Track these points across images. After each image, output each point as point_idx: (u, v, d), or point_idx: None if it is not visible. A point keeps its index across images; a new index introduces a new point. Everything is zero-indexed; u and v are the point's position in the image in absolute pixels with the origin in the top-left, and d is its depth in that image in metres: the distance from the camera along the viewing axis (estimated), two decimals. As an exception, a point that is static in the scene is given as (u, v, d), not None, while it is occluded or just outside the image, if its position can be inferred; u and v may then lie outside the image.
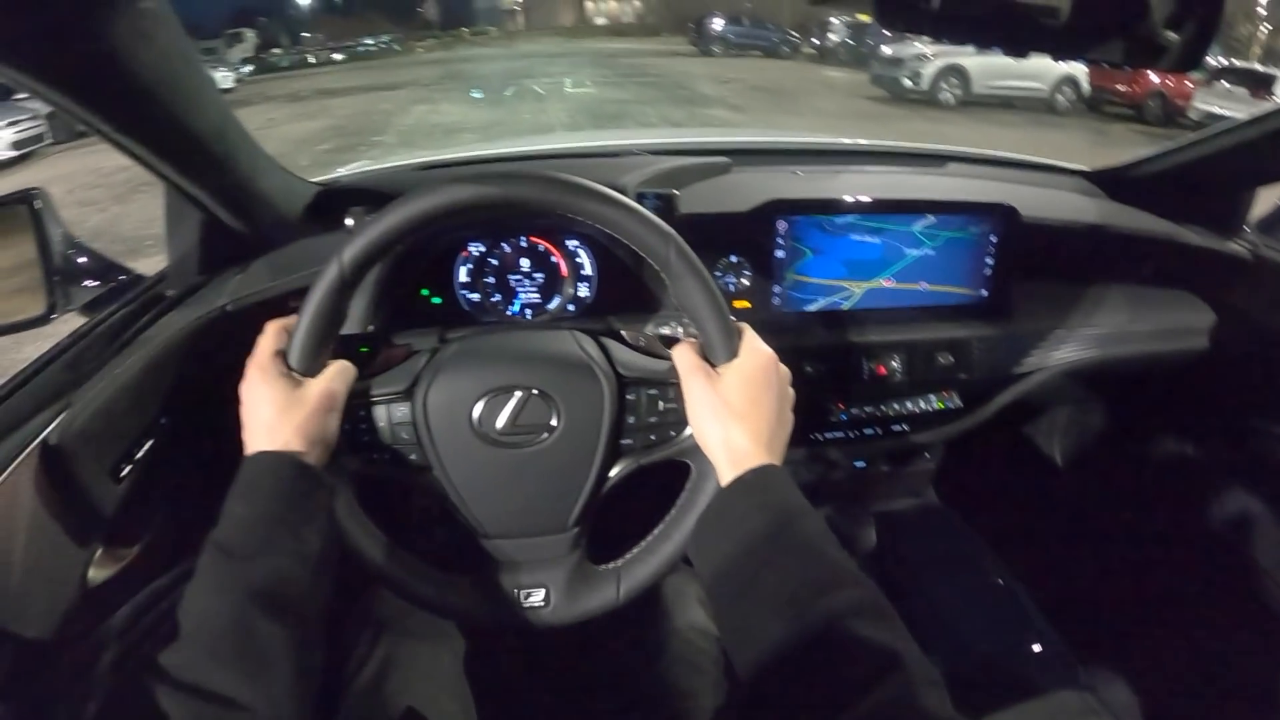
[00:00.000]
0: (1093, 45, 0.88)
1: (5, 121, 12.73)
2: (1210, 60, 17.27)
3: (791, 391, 0.92)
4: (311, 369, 0.86)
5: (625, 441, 0.95)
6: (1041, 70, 15.58)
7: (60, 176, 10.68)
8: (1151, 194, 1.73)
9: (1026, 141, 11.26)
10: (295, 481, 0.80)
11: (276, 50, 47.73)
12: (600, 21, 70.65)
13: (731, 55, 29.30)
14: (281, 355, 0.86)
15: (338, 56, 43.22)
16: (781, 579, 0.74)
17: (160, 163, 1.07)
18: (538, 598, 0.95)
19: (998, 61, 15.11)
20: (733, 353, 0.88)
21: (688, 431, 0.93)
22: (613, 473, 0.95)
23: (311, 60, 42.37)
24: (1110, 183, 1.83)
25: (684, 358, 0.90)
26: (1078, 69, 15.34)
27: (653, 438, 0.95)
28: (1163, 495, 1.88)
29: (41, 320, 1.13)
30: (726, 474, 0.84)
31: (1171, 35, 0.85)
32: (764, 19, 32.40)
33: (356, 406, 0.91)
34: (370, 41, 48.47)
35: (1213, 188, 1.71)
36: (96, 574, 1.05)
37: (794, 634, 0.70)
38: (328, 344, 0.88)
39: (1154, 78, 15.01)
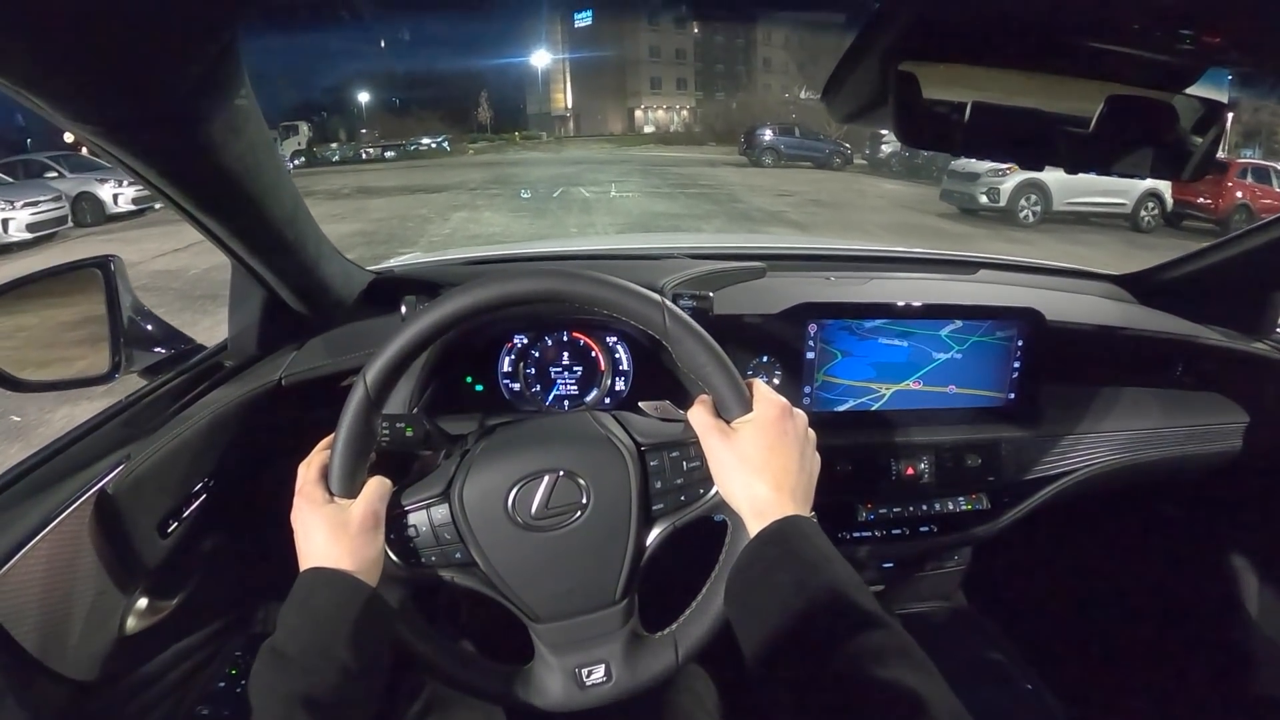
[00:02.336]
0: (1118, 157, 0.96)
1: (23, 202, 13.05)
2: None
3: (812, 434, 0.97)
4: (351, 490, 0.93)
5: (656, 506, 0.99)
6: (1124, 185, 15.09)
7: (71, 263, 10.91)
8: (1180, 297, 1.80)
9: (1119, 262, 10.91)
10: (351, 599, 0.86)
11: (336, 145, 48.32)
12: (648, 130, 72.02)
13: (782, 166, 28.96)
14: (323, 482, 0.93)
15: (389, 154, 43.43)
16: (809, 625, 0.78)
17: (234, 243, 1.18)
18: (599, 674, 0.99)
19: (1079, 176, 14.37)
20: (745, 406, 0.94)
21: (715, 487, 0.97)
22: (649, 539, 0.99)
23: (364, 156, 42.93)
24: (1138, 286, 1.91)
25: (698, 417, 0.95)
26: (1161, 183, 14.52)
27: (683, 498, 0.99)
28: (1198, 600, 1.88)
29: (105, 378, 1.24)
30: (753, 526, 0.88)
31: (1198, 140, 0.93)
32: (814, 130, 31.88)
33: (398, 517, 0.97)
34: (427, 141, 48.74)
35: (1241, 289, 1.78)
36: (134, 622, 1.13)
37: (821, 678, 0.74)
38: (364, 463, 0.95)
39: (1238, 193, 14.97)
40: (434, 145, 47.37)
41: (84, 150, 17.10)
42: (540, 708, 1.00)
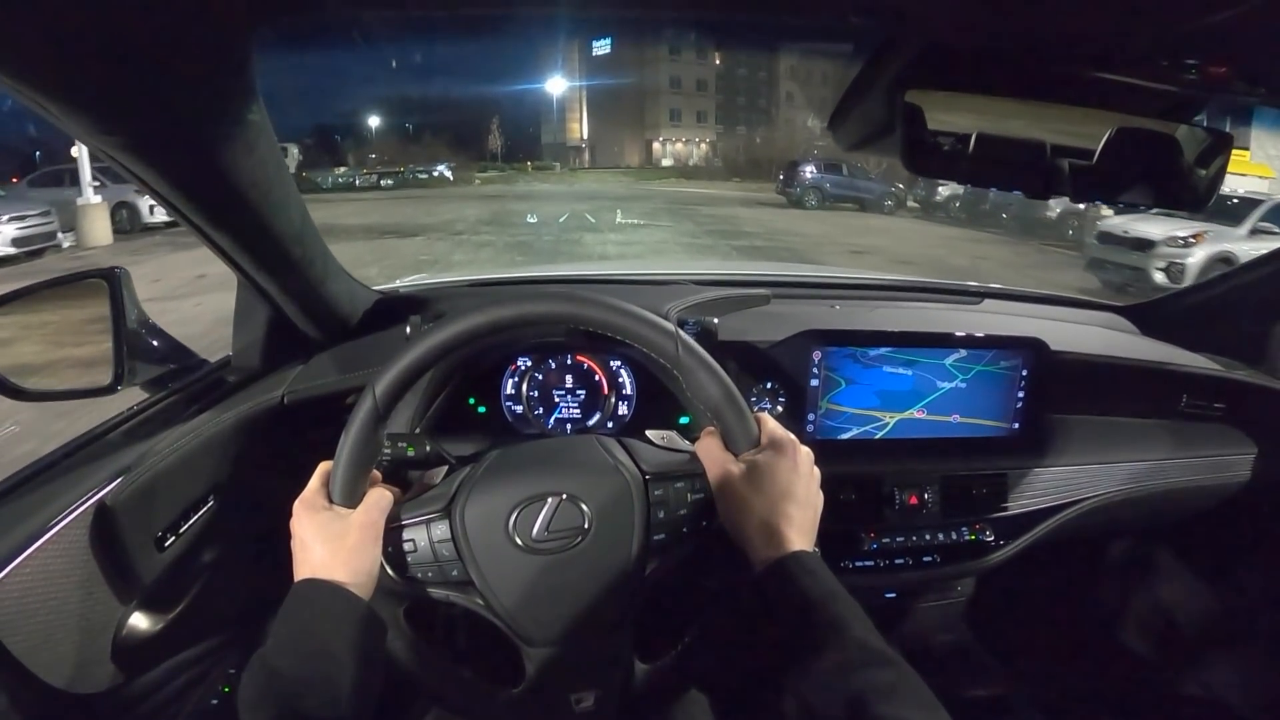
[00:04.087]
0: (1123, 187, 0.98)
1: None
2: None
3: (817, 471, 0.98)
4: (352, 500, 0.93)
5: (658, 537, 0.98)
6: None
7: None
8: (1183, 327, 1.82)
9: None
10: (345, 613, 0.87)
11: (341, 170, 45.03)
12: (667, 163, 70.50)
13: (826, 207, 25.34)
14: (325, 490, 0.94)
15: (387, 182, 40.25)
16: (816, 661, 0.78)
17: (241, 258, 1.19)
18: (589, 702, 0.99)
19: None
20: (753, 440, 0.95)
21: (718, 520, 0.97)
22: (649, 569, 0.99)
23: (357, 183, 40.25)
24: (1141, 317, 1.93)
25: (707, 449, 0.96)
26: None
27: (685, 530, 0.99)
28: (1204, 633, 1.87)
29: (108, 390, 1.24)
30: (758, 560, 0.88)
31: (1201, 173, 0.95)
32: (861, 167, 26.70)
33: (395, 530, 0.97)
34: (438, 168, 44.81)
35: (1244, 320, 1.79)
36: (129, 637, 1.13)
37: (829, 715, 0.74)
38: (366, 474, 0.95)
39: None
40: (435, 174, 43.85)
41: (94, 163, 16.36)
42: None
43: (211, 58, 0.80)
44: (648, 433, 1.10)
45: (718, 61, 73.14)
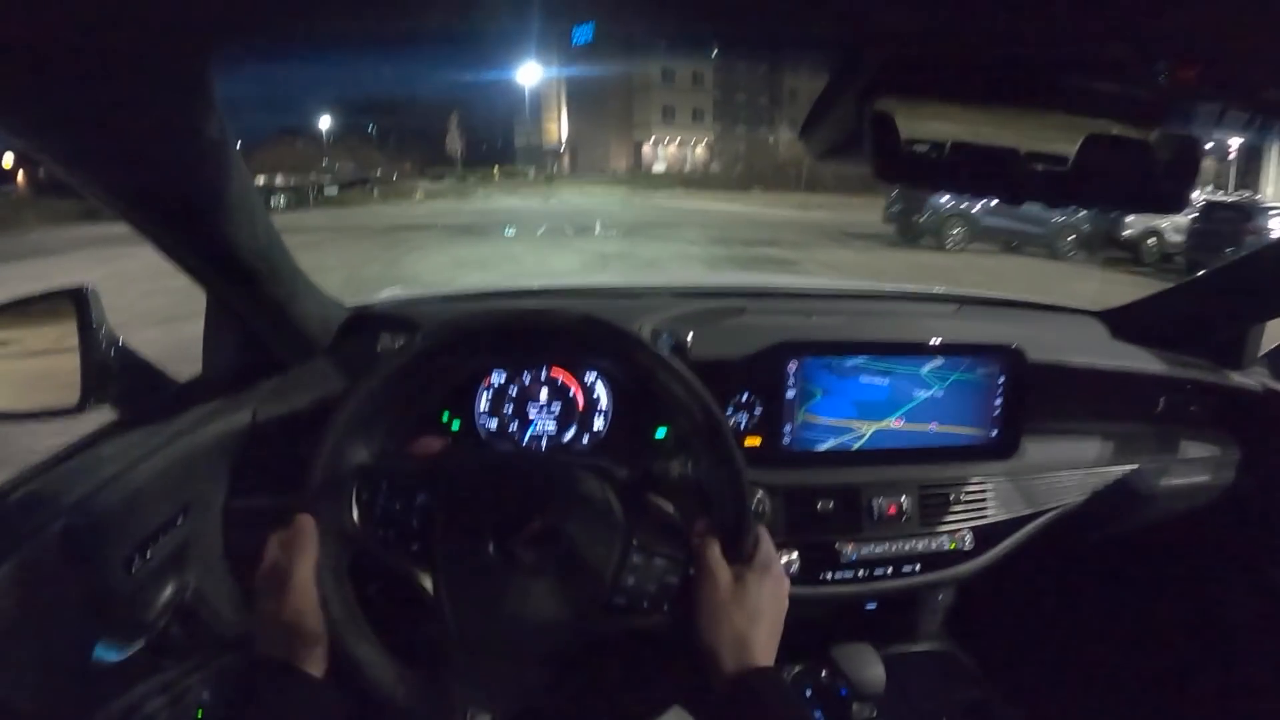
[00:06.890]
0: (1093, 193, 0.98)
1: None
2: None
3: (786, 597, 0.99)
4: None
5: (618, 600, 0.97)
6: None
7: None
8: (1159, 332, 1.83)
9: None
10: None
11: None
12: (659, 168, 65.00)
13: (971, 249, 16.78)
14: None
15: (277, 202, 30.47)
16: None
17: (207, 274, 1.18)
18: None
19: None
20: (748, 554, 0.96)
21: (669, 605, 0.97)
22: (598, 626, 0.98)
23: None
24: (1117, 323, 1.94)
25: (707, 551, 0.95)
26: None
27: (645, 604, 0.98)
28: (1186, 637, 1.87)
29: (75, 410, 1.23)
30: (727, 671, 0.89)
31: (1174, 178, 0.96)
32: None
33: (380, 479, 0.97)
34: (363, 180, 37.73)
35: (1219, 324, 1.81)
36: (98, 662, 1.10)
37: None
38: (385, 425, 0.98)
39: None
40: (352, 188, 34.09)
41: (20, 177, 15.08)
42: None
43: (170, 76, 0.79)
44: (652, 496, 1.08)
45: (714, 52, 68.92)
